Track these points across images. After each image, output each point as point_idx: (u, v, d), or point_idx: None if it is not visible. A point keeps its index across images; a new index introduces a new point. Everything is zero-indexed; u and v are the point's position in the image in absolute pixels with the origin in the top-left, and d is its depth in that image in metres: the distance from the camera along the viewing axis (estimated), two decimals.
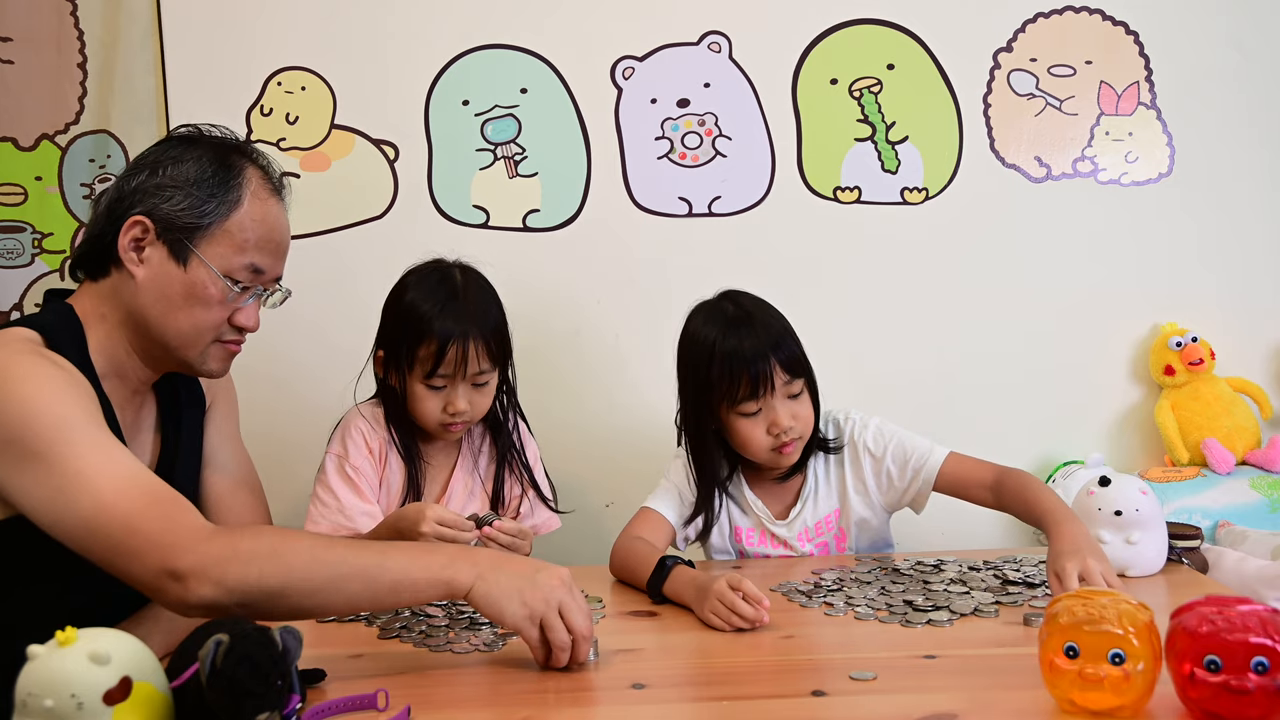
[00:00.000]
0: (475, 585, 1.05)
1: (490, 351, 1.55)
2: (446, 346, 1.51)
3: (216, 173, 1.23)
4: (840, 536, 1.64)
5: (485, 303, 1.59)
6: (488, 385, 1.58)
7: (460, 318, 1.53)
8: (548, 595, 1.06)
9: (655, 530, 1.55)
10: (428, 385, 1.55)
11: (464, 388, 1.55)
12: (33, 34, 2.13)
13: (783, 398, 1.52)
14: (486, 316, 1.57)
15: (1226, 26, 2.11)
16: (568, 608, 1.06)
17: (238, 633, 0.84)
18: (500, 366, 1.60)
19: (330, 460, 1.61)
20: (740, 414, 1.53)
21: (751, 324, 1.53)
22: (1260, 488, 1.97)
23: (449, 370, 1.53)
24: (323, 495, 1.58)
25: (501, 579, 1.06)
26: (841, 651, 1.15)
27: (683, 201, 2.14)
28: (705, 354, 1.54)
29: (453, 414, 1.55)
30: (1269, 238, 2.13)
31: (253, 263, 1.25)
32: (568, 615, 1.06)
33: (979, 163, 2.13)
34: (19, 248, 2.15)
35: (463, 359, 1.52)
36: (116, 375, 1.24)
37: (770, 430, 1.53)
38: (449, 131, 2.14)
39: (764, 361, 1.50)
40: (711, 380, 1.53)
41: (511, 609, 1.05)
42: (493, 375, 1.58)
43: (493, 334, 1.56)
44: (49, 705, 0.78)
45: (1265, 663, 0.81)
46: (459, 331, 1.52)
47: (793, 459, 1.57)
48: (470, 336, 1.52)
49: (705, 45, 2.13)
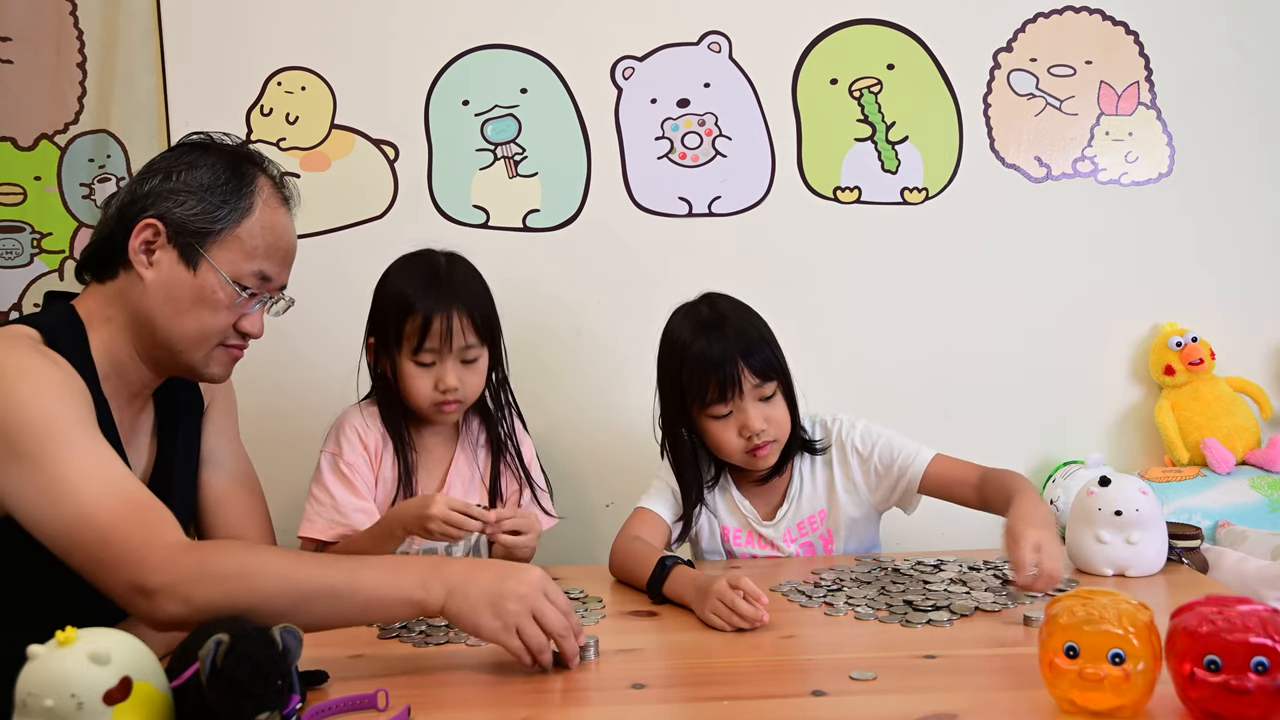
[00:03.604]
0: (447, 604, 1.05)
1: (476, 326, 1.57)
2: (431, 318, 1.54)
3: (230, 180, 1.24)
4: (828, 537, 1.64)
5: (469, 280, 1.61)
6: (477, 363, 1.59)
7: (443, 292, 1.56)
8: (520, 602, 1.05)
9: (652, 530, 1.56)
10: (417, 362, 1.56)
11: (453, 363, 1.56)
12: (32, 34, 2.13)
13: (753, 400, 1.52)
14: (470, 292, 1.59)
15: (1226, 26, 2.11)
16: (542, 611, 1.06)
17: (238, 633, 0.84)
18: (491, 348, 1.62)
19: (325, 458, 1.62)
20: (711, 416, 1.54)
21: (723, 327, 1.54)
22: (1260, 488, 1.97)
23: (435, 343, 1.54)
24: (318, 494, 1.59)
25: (473, 593, 1.05)
26: (841, 651, 1.15)
27: (683, 201, 2.14)
28: (677, 356, 1.56)
29: (444, 391, 1.56)
30: (1269, 238, 2.13)
31: (261, 270, 1.26)
32: (542, 618, 1.05)
33: (979, 163, 2.13)
34: (18, 248, 2.15)
35: (447, 331, 1.54)
36: (118, 377, 1.24)
37: (742, 433, 1.53)
38: (449, 131, 2.14)
39: (731, 365, 1.50)
40: (683, 383, 1.54)
41: (486, 622, 1.05)
42: (481, 353, 1.59)
43: (478, 309, 1.58)
44: (49, 705, 0.78)
45: (1265, 663, 0.81)
46: (442, 305, 1.54)
47: (769, 461, 1.57)
48: (454, 309, 1.54)
49: (705, 45, 2.13)
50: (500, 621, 1.05)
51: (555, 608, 1.07)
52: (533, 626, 1.05)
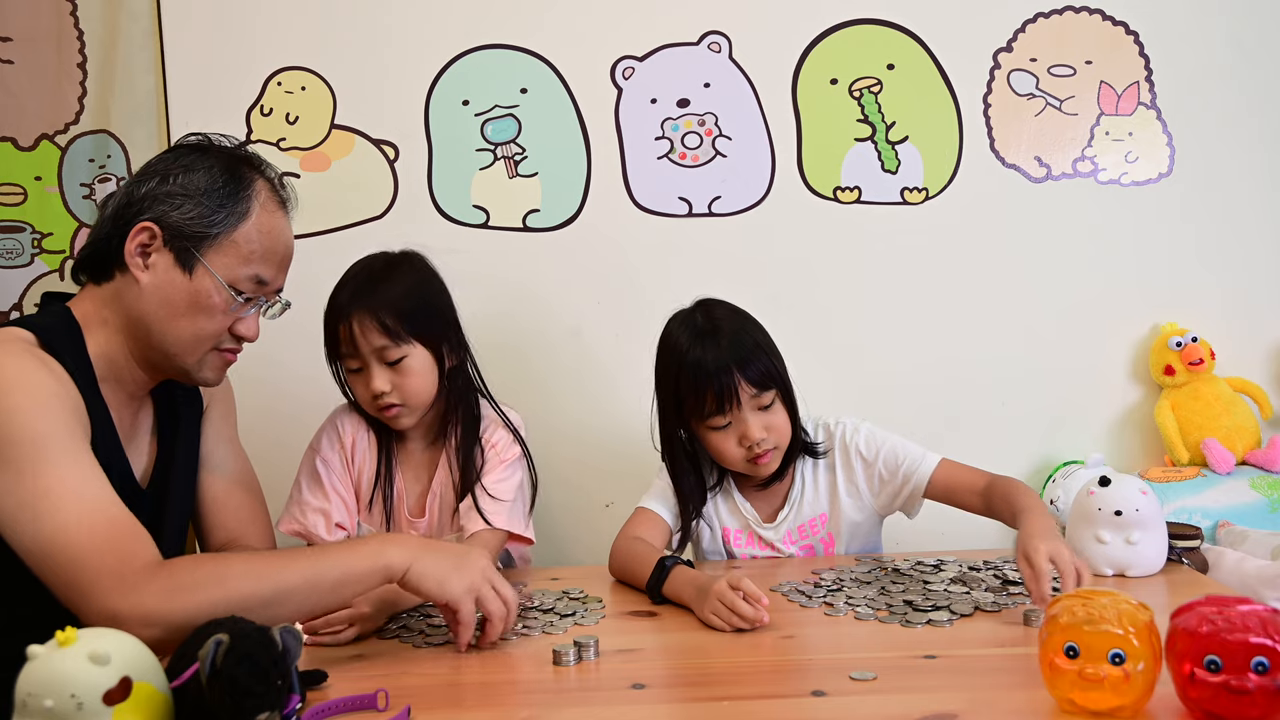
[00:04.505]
0: (412, 566, 1.12)
1: (385, 327, 1.51)
2: (338, 326, 1.54)
3: (227, 184, 1.24)
4: (829, 541, 1.63)
5: (386, 280, 1.55)
6: (404, 363, 1.53)
7: (352, 296, 1.54)
8: (480, 572, 1.16)
9: (653, 530, 1.56)
10: (348, 369, 1.57)
11: (378, 368, 1.53)
12: (33, 34, 2.13)
13: (752, 410, 1.51)
14: (378, 293, 1.53)
15: (1226, 26, 2.11)
16: (499, 583, 1.16)
17: (238, 633, 0.84)
18: (428, 345, 1.55)
19: (306, 453, 1.63)
20: (710, 428, 1.53)
21: (718, 336, 1.51)
22: (1260, 488, 1.97)
23: (349, 350, 1.54)
24: (293, 490, 1.61)
25: (437, 557, 1.14)
26: (842, 651, 1.15)
27: (683, 201, 2.14)
28: (674, 366, 1.54)
29: (374, 396, 1.53)
30: (1269, 238, 2.13)
31: (257, 274, 1.26)
32: (500, 588, 1.16)
33: (979, 163, 2.13)
34: (18, 248, 2.15)
35: (350, 336, 1.52)
36: (115, 379, 1.24)
37: (741, 442, 1.52)
38: (449, 131, 2.14)
39: (728, 375, 1.48)
40: (680, 394, 1.53)
41: (450, 583, 1.13)
42: (406, 352, 1.52)
43: (387, 309, 1.51)
44: (49, 705, 0.78)
45: (1265, 663, 0.81)
46: (347, 310, 1.53)
47: (770, 468, 1.56)
48: (355, 313, 1.52)
49: (705, 45, 2.13)
50: (465, 584, 1.14)
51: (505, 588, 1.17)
52: (492, 593, 1.15)
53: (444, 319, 1.60)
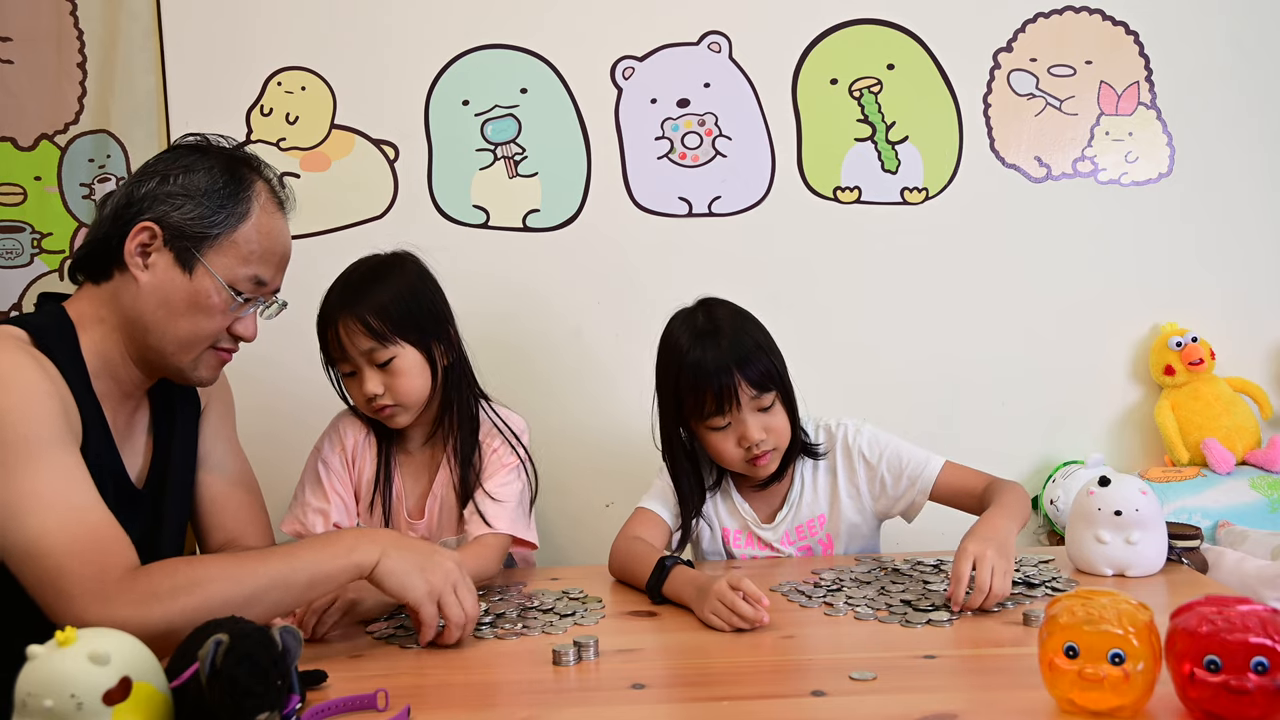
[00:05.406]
0: (380, 562, 1.12)
1: (369, 328, 1.51)
2: (326, 331, 1.55)
3: (227, 184, 1.24)
4: (827, 542, 1.63)
5: (372, 282, 1.55)
6: (394, 364, 1.52)
7: (338, 300, 1.55)
8: (445, 576, 1.15)
9: (653, 530, 1.55)
10: (342, 373, 1.58)
11: (369, 370, 1.53)
12: (32, 34, 2.13)
13: (752, 411, 1.51)
14: (362, 296, 1.53)
15: (1226, 26, 2.11)
16: (462, 589, 1.16)
17: (238, 633, 0.84)
18: (417, 345, 1.54)
19: (310, 457, 1.64)
20: (710, 428, 1.53)
21: (718, 337, 1.51)
22: (1260, 488, 1.97)
23: (338, 354, 1.55)
24: (296, 490, 1.62)
25: (404, 555, 1.14)
26: (841, 651, 1.15)
27: (683, 201, 2.14)
28: (674, 365, 1.54)
29: (368, 399, 1.54)
30: (1269, 238, 2.13)
31: (256, 274, 1.26)
32: (462, 595, 1.16)
33: (979, 163, 2.13)
34: (18, 248, 2.15)
35: (338, 340, 1.53)
36: (110, 377, 1.24)
37: (741, 443, 1.52)
38: (449, 131, 2.14)
39: (727, 376, 1.48)
40: (680, 394, 1.53)
41: (414, 584, 1.13)
42: (394, 353, 1.52)
43: (371, 311, 1.51)
44: (49, 705, 0.78)
45: (1265, 663, 0.81)
46: (333, 314, 1.54)
47: (770, 469, 1.56)
48: (341, 316, 1.52)
49: (705, 45, 2.13)
50: (427, 587, 1.13)
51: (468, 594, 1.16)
52: (454, 599, 1.15)
53: (434, 318, 1.59)
